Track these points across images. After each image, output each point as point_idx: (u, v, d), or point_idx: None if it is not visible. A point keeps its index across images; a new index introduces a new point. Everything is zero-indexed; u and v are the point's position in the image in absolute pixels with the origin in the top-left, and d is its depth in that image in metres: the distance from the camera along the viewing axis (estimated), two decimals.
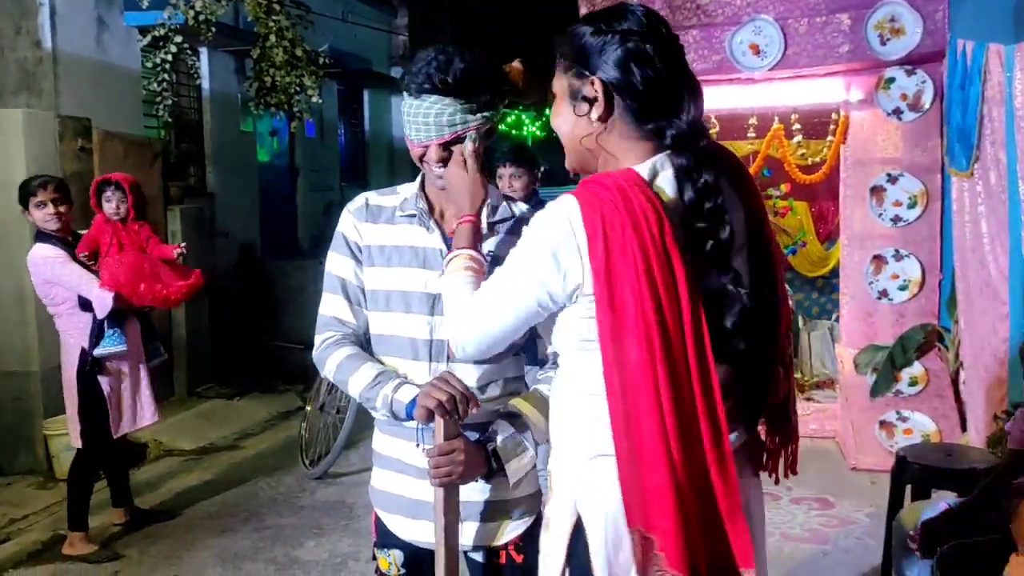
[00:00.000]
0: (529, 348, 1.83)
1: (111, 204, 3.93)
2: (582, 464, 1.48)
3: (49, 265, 3.75)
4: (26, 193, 3.80)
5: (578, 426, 1.49)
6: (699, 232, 1.42)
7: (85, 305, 3.78)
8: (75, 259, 3.80)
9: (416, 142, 1.73)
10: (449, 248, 1.74)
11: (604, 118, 1.47)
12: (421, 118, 1.68)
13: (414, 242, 1.79)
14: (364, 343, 1.85)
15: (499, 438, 1.71)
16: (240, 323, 7.00)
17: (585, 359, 1.46)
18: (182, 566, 3.82)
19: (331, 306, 1.85)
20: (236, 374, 6.79)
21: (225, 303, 6.87)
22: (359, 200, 1.87)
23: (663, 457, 1.34)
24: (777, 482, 1.64)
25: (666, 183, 1.44)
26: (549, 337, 1.58)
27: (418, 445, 1.76)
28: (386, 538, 1.90)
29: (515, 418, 1.74)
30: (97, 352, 3.79)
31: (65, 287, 3.78)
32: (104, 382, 3.85)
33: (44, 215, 3.78)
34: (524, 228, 1.50)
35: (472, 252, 1.65)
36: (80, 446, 3.90)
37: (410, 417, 1.67)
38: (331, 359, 1.81)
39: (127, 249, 3.91)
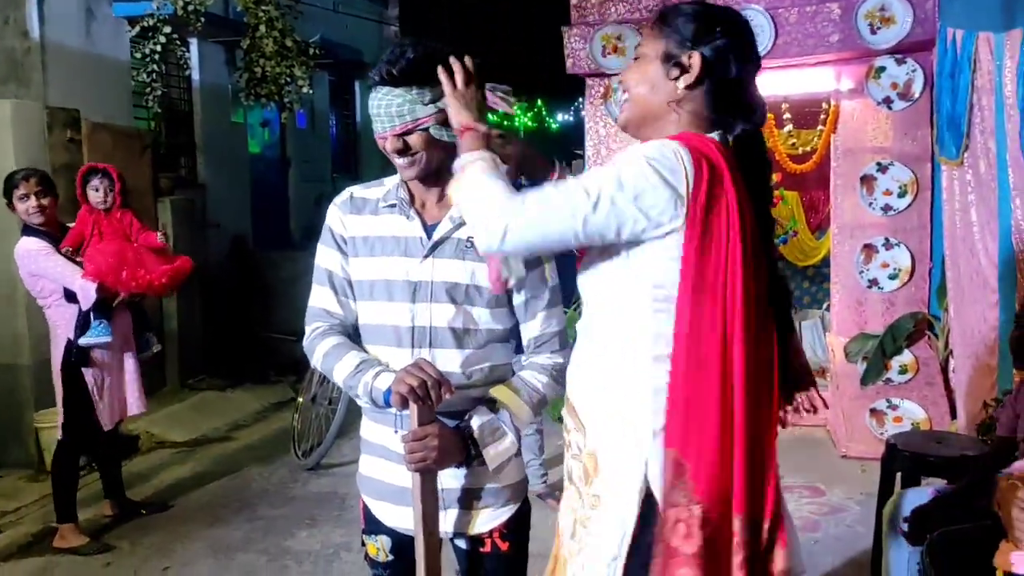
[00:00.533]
0: (515, 336, 1.86)
1: (98, 193, 3.91)
2: (647, 440, 1.53)
3: (33, 258, 3.74)
4: (9, 186, 3.78)
5: (639, 398, 1.55)
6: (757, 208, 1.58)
7: (71, 297, 3.77)
8: (59, 251, 3.78)
9: (376, 134, 1.76)
10: (429, 236, 1.77)
11: (690, 88, 1.59)
12: (376, 110, 1.72)
13: (395, 231, 1.81)
14: (352, 334, 1.88)
15: (475, 424, 1.72)
16: (232, 314, 6.99)
17: (653, 319, 1.53)
18: (174, 557, 3.82)
19: (319, 298, 1.88)
20: (228, 365, 6.78)
21: (217, 294, 6.86)
22: (344, 194, 1.90)
23: (716, 421, 1.47)
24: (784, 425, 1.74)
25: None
26: (593, 293, 1.64)
27: (396, 431, 1.78)
28: (373, 525, 1.92)
29: (495, 404, 1.76)
30: (82, 342, 3.77)
31: (50, 279, 3.77)
32: (88, 373, 3.84)
33: (27, 208, 3.76)
34: (618, 156, 1.58)
35: (484, 154, 1.62)
36: (60, 436, 3.89)
37: (388, 404, 1.69)
38: (318, 348, 1.84)
39: (107, 237, 3.90)
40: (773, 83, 5.33)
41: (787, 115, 5.44)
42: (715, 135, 1.59)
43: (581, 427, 1.65)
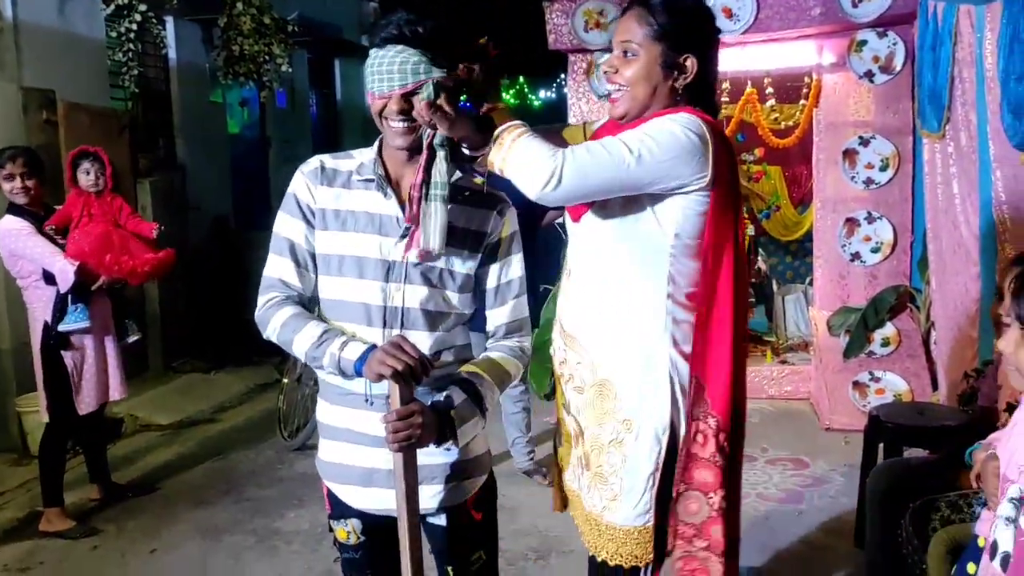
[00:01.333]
0: (475, 317, 1.87)
1: (89, 176, 3.87)
2: (667, 365, 1.90)
3: (13, 237, 3.70)
4: None
5: (657, 331, 1.89)
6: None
7: (50, 278, 3.73)
8: (42, 232, 3.74)
9: (377, 94, 1.69)
10: (406, 215, 1.73)
11: (683, 84, 1.89)
12: (385, 67, 1.66)
13: (370, 207, 1.77)
14: (308, 307, 1.82)
15: (456, 403, 1.71)
16: (214, 296, 6.93)
17: (671, 262, 1.87)
18: (161, 540, 3.82)
19: (277, 268, 1.81)
20: (212, 348, 6.75)
21: (199, 276, 6.80)
22: (313, 162, 1.83)
23: (730, 349, 1.90)
24: None
25: None
26: (609, 236, 1.91)
27: (367, 400, 1.75)
28: (341, 509, 1.90)
29: (465, 384, 1.75)
30: (61, 328, 3.74)
31: (29, 260, 3.73)
32: (68, 357, 3.81)
33: (12, 188, 3.72)
34: (643, 125, 1.85)
35: (517, 122, 1.82)
36: (47, 420, 3.87)
37: (359, 374, 1.66)
38: (275, 318, 1.77)
39: (96, 220, 3.86)
40: (755, 57, 5.33)
41: (769, 89, 5.43)
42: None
43: (588, 360, 1.97)
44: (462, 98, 1.76)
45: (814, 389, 5.33)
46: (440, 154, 1.72)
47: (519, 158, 1.76)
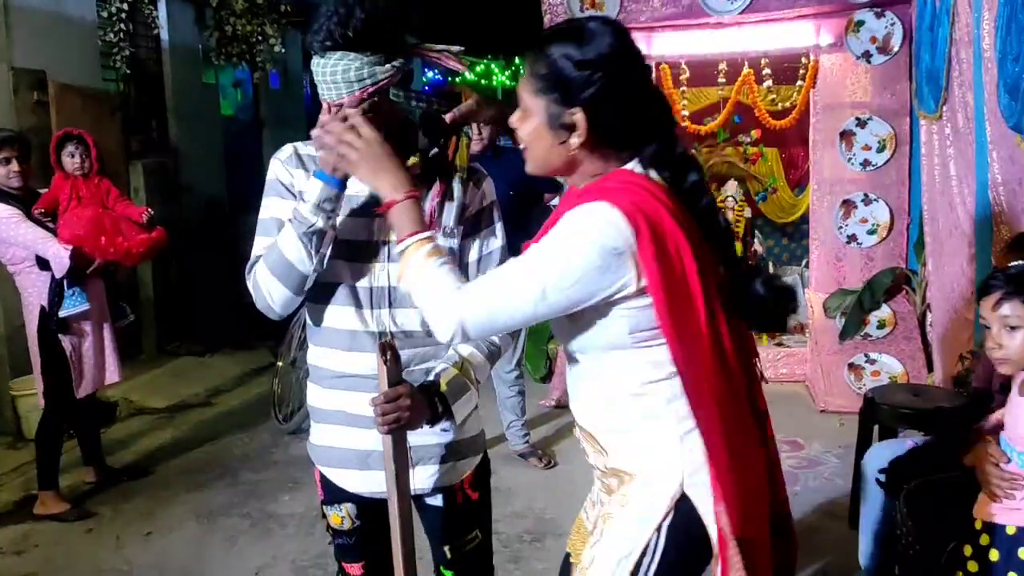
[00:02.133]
0: None
1: (74, 159, 3.84)
2: (675, 444, 1.53)
3: (3, 225, 3.66)
4: None
5: (658, 411, 1.54)
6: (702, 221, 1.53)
7: (44, 264, 3.70)
8: (31, 217, 3.71)
9: (328, 101, 1.65)
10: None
11: (585, 144, 1.50)
12: (329, 77, 1.61)
13: (348, 191, 1.73)
14: None
15: (443, 381, 1.70)
16: (208, 279, 6.91)
17: (642, 352, 1.52)
18: (157, 523, 3.81)
19: (262, 248, 1.78)
20: (205, 331, 6.73)
21: (192, 259, 6.77)
22: (287, 149, 1.82)
23: (718, 422, 1.51)
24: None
25: (657, 179, 1.53)
26: (570, 342, 1.59)
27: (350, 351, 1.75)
28: (334, 494, 1.89)
29: (462, 363, 1.74)
30: (62, 313, 3.72)
31: (20, 247, 3.70)
32: (66, 341, 3.79)
33: (7, 172, 3.69)
34: (556, 227, 1.48)
35: (425, 234, 1.54)
36: (44, 405, 3.85)
37: (330, 182, 1.65)
38: (258, 267, 1.75)
39: (86, 203, 3.83)
40: (753, 38, 5.30)
41: (767, 70, 5.40)
42: (635, 166, 1.51)
43: (602, 450, 1.63)
44: (428, 77, 1.72)
45: (809, 371, 5.34)
46: (462, 141, 1.75)
47: (422, 293, 1.52)
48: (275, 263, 1.71)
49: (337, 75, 1.60)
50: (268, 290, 1.73)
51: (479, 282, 1.51)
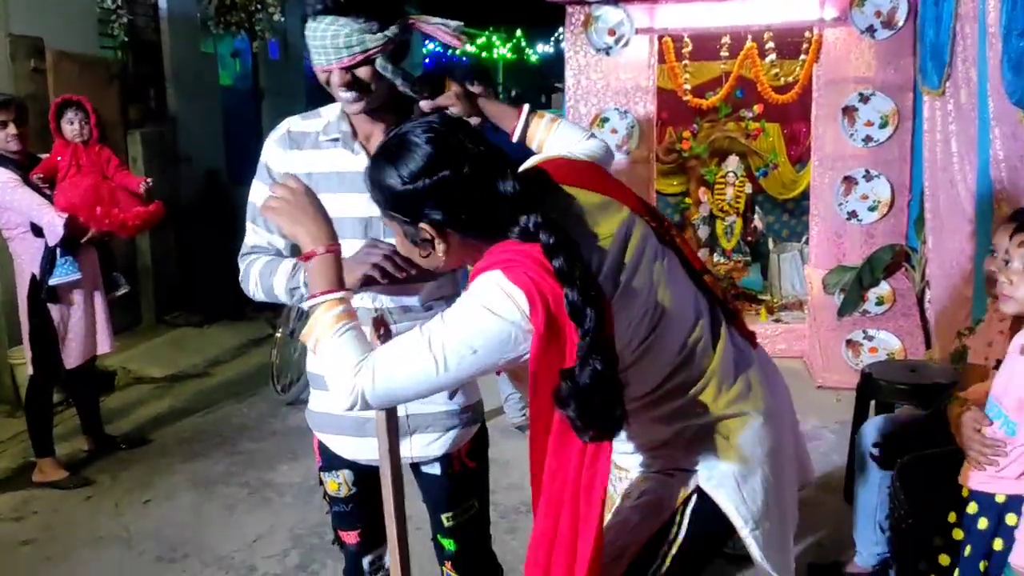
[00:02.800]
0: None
1: (73, 126, 3.82)
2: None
3: (0, 189, 3.65)
4: None
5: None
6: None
7: (38, 231, 3.69)
8: (28, 183, 3.69)
9: (318, 66, 1.67)
10: None
11: (454, 246, 1.48)
12: (319, 41, 1.62)
13: (340, 167, 1.77)
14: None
15: None
16: (206, 249, 6.89)
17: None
18: (155, 491, 3.84)
19: (252, 236, 1.86)
20: (204, 301, 6.72)
21: (191, 230, 6.76)
22: (281, 128, 1.83)
23: None
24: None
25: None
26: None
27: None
28: (331, 460, 1.92)
29: None
30: (51, 281, 3.71)
31: (15, 212, 3.69)
32: (55, 310, 3.78)
33: (5, 136, 3.67)
34: (458, 300, 1.45)
35: (337, 295, 1.50)
36: (31, 372, 3.86)
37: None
38: (251, 274, 1.82)
39: (85, 171, 3.81)
40: (757, 11, 5.25)
41: (770, 44, 5.35)
42: (516, 236, 1.43)
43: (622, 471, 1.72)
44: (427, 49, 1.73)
45: (808, 347, 5.34)
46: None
47: (325, 358, 1.49)
48: (265, 289, 1.79)
49: (327, 40, 1.61)
50: (255, 294, 1.84)
51: (379, 354, 1.45)
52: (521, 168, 1.54)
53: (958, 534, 2.15)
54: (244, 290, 1.85)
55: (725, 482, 1.58)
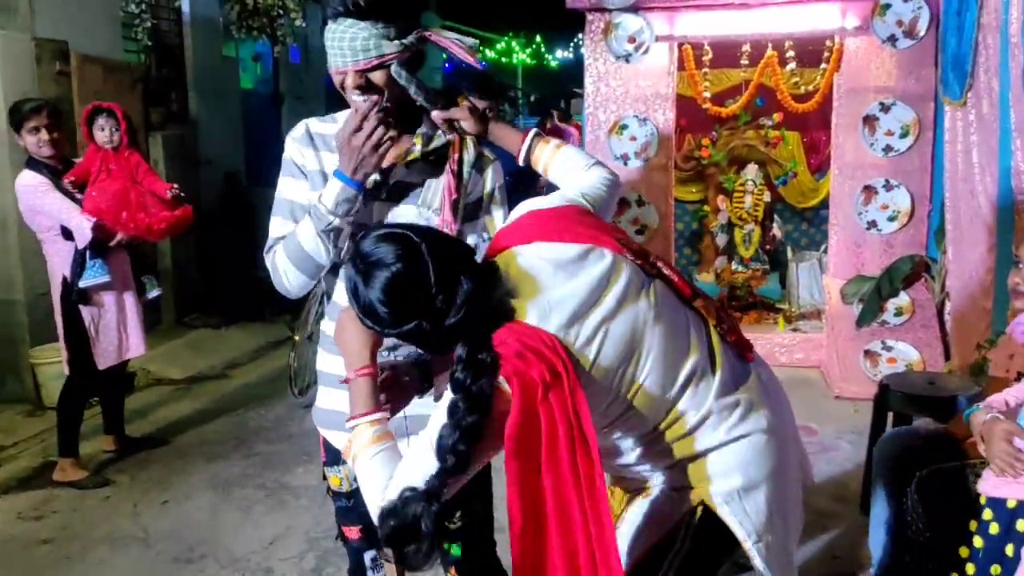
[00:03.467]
0: None
1: (104, 133, 3.87)
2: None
3: (31, 192, 3.71)
4: (19, 118, 3.72)
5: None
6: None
7: (68, 234, 3.74)
8: (59, 187, 3.74)
9: (334, 68, 1.70)
10: (384, 179, 1.76)
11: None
12: (337, 43, 1.65)
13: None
14: None
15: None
16: (226, 252, 6.95)
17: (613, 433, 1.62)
18: (173, 491, 3.87)
19: (278, 228, 1.86)
20: (223, 304, 6.78)
21: (211, 232, 6.81)
22: (300, 128, 1.87)
23: None
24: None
25: None
26: None
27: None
28: (334, 456, 1.95)
29: None
30: (81, 284, 3.76)
31: (47, 215, 3.74)
32: (86, 312, 3.83)
33: (37, 141, 3.72)
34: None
35: (375, 416, 1.55)
36: (67, 372, 3.90)
37: (350, 184, 1.69)
38: (278, 257, 1.82)
39: (115, 176, 3.86)
40: (778, 20, 5.24)
41: (790, 53, 5.34)
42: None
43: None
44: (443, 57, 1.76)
45: (825, 357, 5.32)
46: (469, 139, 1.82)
47: (360, 476, 1.54)
48: (293, 251, 1.77)
49: (344, 42, 1.64)
50: (285, 273, 1.80)
51: (398, 470, 1.47)
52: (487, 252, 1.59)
53: (978, 542, 2.14)
54: (275, 283, 1.85)
55: (729, 499, 1.61)
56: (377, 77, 1.68)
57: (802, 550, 3.15)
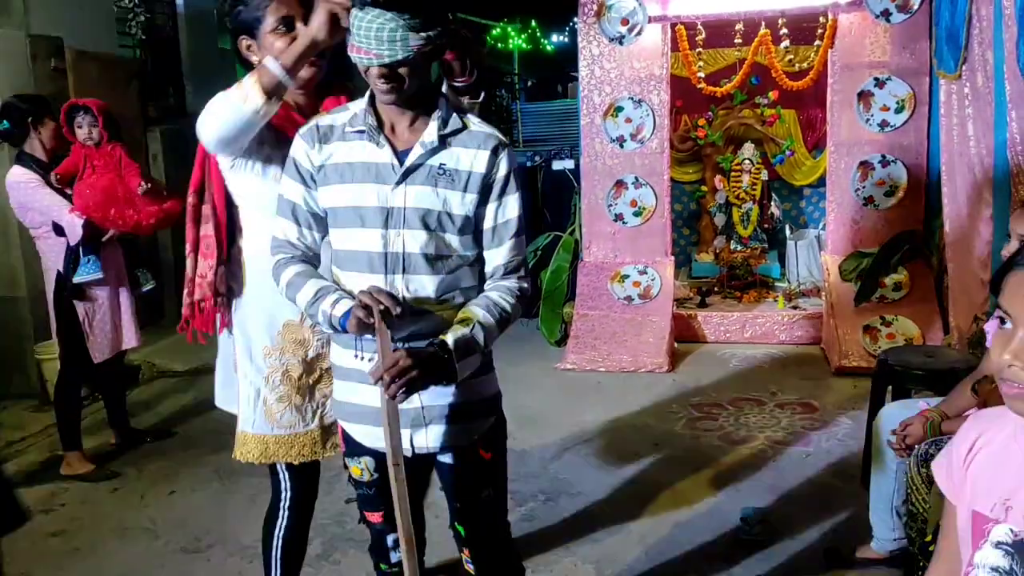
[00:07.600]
0: (479, 261, 1.89)
1: (83, 130, 3.86)
2: None
3: (21, 189, 3.73)
4: (43, 113, 3.80)
5: None
6: None
7: (60, 230, 3.76)
8: (49, 183, 3.76)
9: (360, 49, 1.69)
10: (400, 162, 1.78)
11: None
12: (363, 31, 1.66)
13: (364, 157, 1.80)
14: (315, 262, 1.91)
15: (450, 340, 1.73)
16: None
17: None
18: (180, 482, 3.90)
19: (283, 229, 1.90)
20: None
21: None
22: (310, 123, 1.88)
23: None
24: None
25: None
26: None
27: (357, 355, 1.83)
28: (354, 447, 1.97)
29: (469, 322, 1.78)
30: (76, 280, 3.78)
31: (37, 212, 3.76)
32: (80, 306, 3.85)
33: (51, 136, 3.83)
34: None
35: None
36: (61, 367, 3.93)
37: (344, 329, 1.74)
38: (282, 277, 1.87)
39: (100, 172, 3.85)
40: None
41: (784, 30, 5.33)
42: None
43: None
44: None
45: (825, 334, 5.34)
46: None
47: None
48: (290, 299, 1.87)
49: (371, 32, 1.65)
50: (286, 296, 1.89)
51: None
52: None
53: None
54: (272, 279, 1.91)
55: None
56: (401, 68, 1.70)
57: (803, 525, 3.19)
